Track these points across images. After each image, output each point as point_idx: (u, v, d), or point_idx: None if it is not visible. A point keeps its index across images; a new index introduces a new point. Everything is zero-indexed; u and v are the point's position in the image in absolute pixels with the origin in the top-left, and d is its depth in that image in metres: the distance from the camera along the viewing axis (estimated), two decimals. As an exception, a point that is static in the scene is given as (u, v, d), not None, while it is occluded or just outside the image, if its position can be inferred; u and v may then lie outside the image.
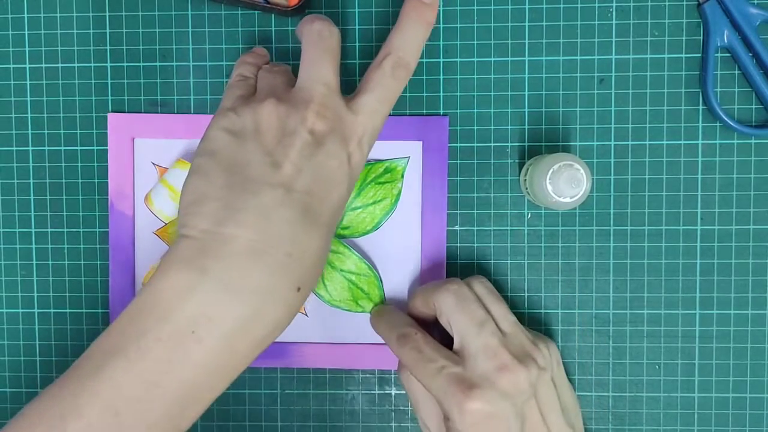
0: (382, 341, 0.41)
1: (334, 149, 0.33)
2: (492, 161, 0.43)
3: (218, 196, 0.31)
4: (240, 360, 0.31)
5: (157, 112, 0.44)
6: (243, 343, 0.31)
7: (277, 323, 0.32)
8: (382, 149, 0.43)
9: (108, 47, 0.44)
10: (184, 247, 0.31)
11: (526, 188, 0.41)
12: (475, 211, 0.43)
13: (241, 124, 0.33)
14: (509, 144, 0.43)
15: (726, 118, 0.41)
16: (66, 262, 0.44)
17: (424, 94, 0.43)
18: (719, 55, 0.42)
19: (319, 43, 0.34)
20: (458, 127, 0.43)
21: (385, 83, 0.35)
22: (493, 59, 0.43)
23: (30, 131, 0.44)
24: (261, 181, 0.31)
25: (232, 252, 0.30)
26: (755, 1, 0.42)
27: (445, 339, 0.38)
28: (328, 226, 0.33)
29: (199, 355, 0.30)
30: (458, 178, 0.43)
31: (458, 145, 0.43)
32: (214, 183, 0.32)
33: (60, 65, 0.44)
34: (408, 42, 0.35)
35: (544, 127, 0.43)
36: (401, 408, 0.44)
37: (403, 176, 0.43)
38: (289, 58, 0.43)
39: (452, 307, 0.38)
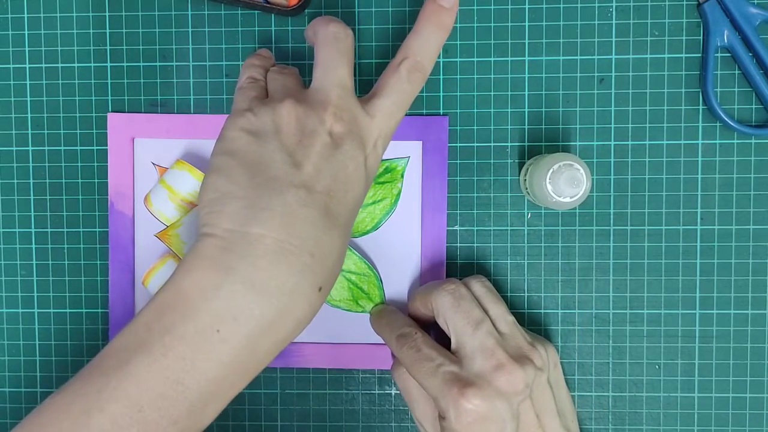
0: (382, 341, 0.41)
1: (351, 151, 0.33)
2: (492, 161, 0.43)
3: (241, 195, 0.31)
4: (262, 358, 0.32)
5: (157, 112, 0.44)
6: (266, 342, 0.31)
7: (299, 323, 0.32)
8: (382, 149, 0.43)
9: (108, 47, 0.44)
10: (208, 245, 0.31)
11: (526, 188, 0.41)
12: (475, 211, 0.43)
13: (260, 124, 0.33)
14: (509, 144, 0.43)
15: (726, 118, 0.41)
16: (66, 262, 0.44)
17: (424, 94, 0.43)
18: (719, 55, 0.42)
19: (334, 45, 0.34)
20: (458, 127, 0.43)
21: (401, 87, 0.35)
22: (493, 59, 0.43)
23: (30, 131, 0.44)
24: (284, 180, 0.31)
25: (258, 251, 0.30)
26: (755, 1, 0.42)
27: (444, 340, 0.39)
28: (345, 227, 0.33)
29: (222, 354, 0.30)
30: (458, 178, 0.43)
31: (458, 145, 0.43)
32: (236, 182, 0.32)
33: (60, 65, 0.44)
34: (425, 46, 0.35)
35: (544, 127, 0.43)
36: (401, 408, 0.44)
37: (403, 176, 0.43)
38: (288, 57, 0.43)
39: (448, 307, 0.38)
